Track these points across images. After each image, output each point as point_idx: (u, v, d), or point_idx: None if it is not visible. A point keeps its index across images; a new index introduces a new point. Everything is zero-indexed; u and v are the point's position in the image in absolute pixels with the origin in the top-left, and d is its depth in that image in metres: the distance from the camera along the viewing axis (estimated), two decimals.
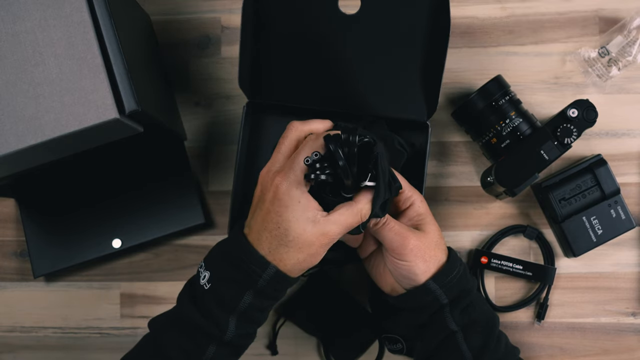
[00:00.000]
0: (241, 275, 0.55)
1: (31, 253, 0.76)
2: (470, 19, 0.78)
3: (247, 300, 0.55)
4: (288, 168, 0.54)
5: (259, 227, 0.55)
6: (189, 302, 0.57)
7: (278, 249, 0.54)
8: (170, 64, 0.80)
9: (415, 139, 0.72)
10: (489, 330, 0.61)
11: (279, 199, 0.53)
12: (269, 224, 0.54)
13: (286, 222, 0.53)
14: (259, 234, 0.55)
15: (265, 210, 0.54)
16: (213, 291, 0.56)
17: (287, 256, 0.54)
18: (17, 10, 0.57)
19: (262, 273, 0.54)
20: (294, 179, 0.53)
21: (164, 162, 0.77)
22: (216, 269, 0.57)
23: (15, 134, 0.55)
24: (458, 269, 0.61)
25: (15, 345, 0.79)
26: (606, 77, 0.75)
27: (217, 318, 0.55)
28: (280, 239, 0.54)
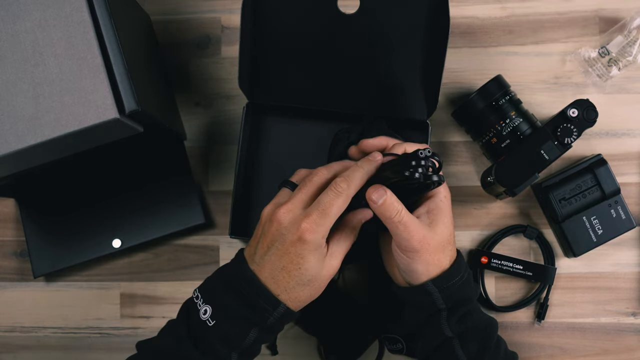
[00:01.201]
0: (251, 313, 0.54)
1: (31, 253, 0.76)
2: (470, 19, 0.78)
3: (252, 336, 0.55)
4: (320, 215, 0.53)
5: (274, 266, 0.54)
6: (188, 340, 0.55)
7: (295, 288, 0.55)
8: (170, 64, 0.80)
9: (416, 138, 0.72)
10: (487, 337, 0.60)
11: (305, 242, 0.53)
12: (289, 265, 0.54)
13: (308, 264, 0.54)
14: (274, 273, 0.54)
15: (284, 251, 0.54)
16: (217, 328, 0.55)
17: (302, 294, 0.55)
18: (17, 10, 0.57)
19: (273, 312, 0.55)
20: (323, 229, 0.53)
21: (164, 162, 0.77)
22: (220, 304, 0.55)
23: (15, 134, 0.55)
24: (461, 275, 0.58)
25: (15, 345, 0.79)
26: (606, 77, 0.75)
27: (219, 355, 0.55)
28: (298, 279, 0.54)
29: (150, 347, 0.58)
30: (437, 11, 0.63)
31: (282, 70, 0.70)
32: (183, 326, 0.56)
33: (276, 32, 0.68)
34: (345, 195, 0.54)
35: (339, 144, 0.70)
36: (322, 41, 0.68)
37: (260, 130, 0.76)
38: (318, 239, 0.54)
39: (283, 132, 0.76)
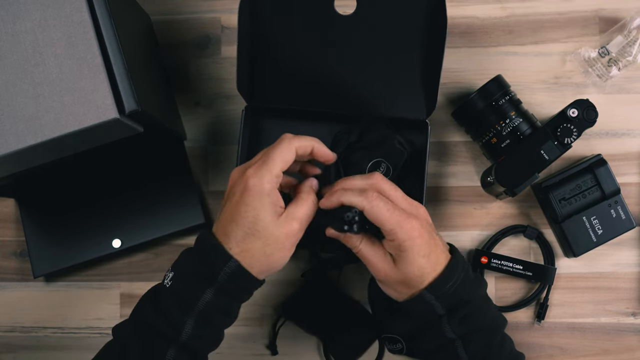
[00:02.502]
0: (203, 269, 0.54)
1: (31, 253, 0.76)
2: (470, 19, 0.78)
3: (206, 297, 0.54)
4: (261, 162, 0.55)
5: (227, 220, 0.55)
6: (149, 304, 0.56)
7: (245, 239, 0.54)
8: (170, 64, 0.80)
9: (415, 138, 0.72)
10: (491, 337, 0.59)
11: (249, 189, 0.54)
12: (237, 215, 0.54)
13: (254, 210, 0.54)
14: (226, 226, 0.55)
15: (235, 202, 0.55)
16: (172, 289, 0.55)
17: (254, 246, 0.54)
18: (17, 10, 0.57)
19: (224, 266, 0.54)
20: (266, 173, 0.54)
21: (164, 162, 0.77)
22: (180, 267, 0.56)
23: (15, 134, 0.55)
24: (457, 276, 0.57)
25: (15, 345, 0.79)
26: (606, 77, 0.75)
27: (174, 318, 0.54)
28: (247, 228, 0.54)
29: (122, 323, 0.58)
30: (435, 10, 0.63)
31: (280, 72, 0.70)
32: (149, 294, 0.57)
33: (274, 34, 0.68)
34: (288, 144, 0.56)
35: (338, 144, 0.70)
36: (320, 42, 0.68)
37: (259, 133, 0.76)
38: (261, 184, 0.54)
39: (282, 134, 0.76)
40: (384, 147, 0.70)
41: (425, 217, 0.59)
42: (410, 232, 0.56)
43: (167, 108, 0.75)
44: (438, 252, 0.58)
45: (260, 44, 0.68)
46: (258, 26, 0.67)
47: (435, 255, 0.57)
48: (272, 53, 0.69)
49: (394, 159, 0.70)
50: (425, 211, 0.60)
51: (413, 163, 0.71)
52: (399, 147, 0.70)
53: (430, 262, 0.57)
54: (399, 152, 0.70)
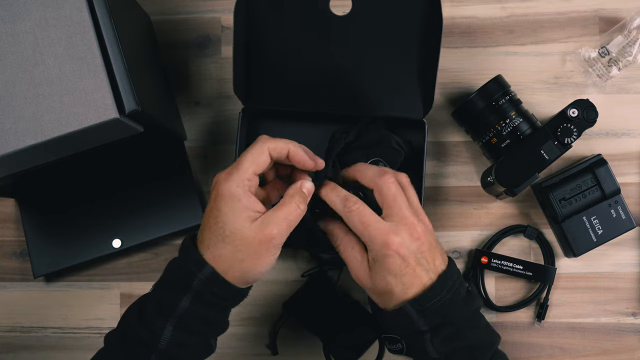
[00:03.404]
0: (179, 275, 0.54)
1: (31, 253, 0.76)
2: (470, 19, 0.78)
3: (184, 304, 0.53)
4: (233, 166, 0.55)
5: (202, 226, 0.55)
6: (134, 312, 0.56)
7: (216, 245, 0.53)
8: (170, 64, 0.80)
9: (413, 138, 0.72)
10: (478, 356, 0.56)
11: (220, 194, 0.54)
12: (209, 220, 0.54)
13: (224, 215, 0.53)
14: (202, 232, 0.55)
15: (209, 208, 0.55)
16: (154, 295, 0.55)
17: (225, 252, 0.53)
18: (17, 10, 0.57)
19: (199, 273, 0.53)
20: (236, 177, 0.54)
21: (164, 162, 0.77)
22: (163, 273, 0.57)
23: (15, 134, 0.55)
24: (443, 295, 0.54)
25: (15, 345, 0.79)
26: (606, 77, 0.75)
27: (153, 324, 0.53)
28: (218, 234, 0.53)
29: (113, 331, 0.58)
30: (430, 9, 0.63)
31: (277, 74, 0.70)
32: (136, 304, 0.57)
33: (269, 36, 0.68)
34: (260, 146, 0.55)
35: (336, 144, 0.70)
36: (316, 44, 0.68)
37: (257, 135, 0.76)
38: (231, 188, 0.53)
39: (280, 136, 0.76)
40: (381, 147, 0.70)
41: (416, 237, 0.55)
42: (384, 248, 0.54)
43: (167, 108, 0.75)
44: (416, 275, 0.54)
45: (256, 46, 0.68)
46: (253, 28, 0.67)
47: (409, 277, 0.54)
48: (268, 55, 0.69)
49: (391, 159, 0.70)
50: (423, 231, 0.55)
51: (411, 163, 0.71)
52: (396, 146, 0.70)
53: (400, 283, 0.54)
54: (396, 151, 0.70)
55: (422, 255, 0.55)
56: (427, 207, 0.77)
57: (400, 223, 0.55)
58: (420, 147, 0.71)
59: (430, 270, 0.55)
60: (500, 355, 0.59)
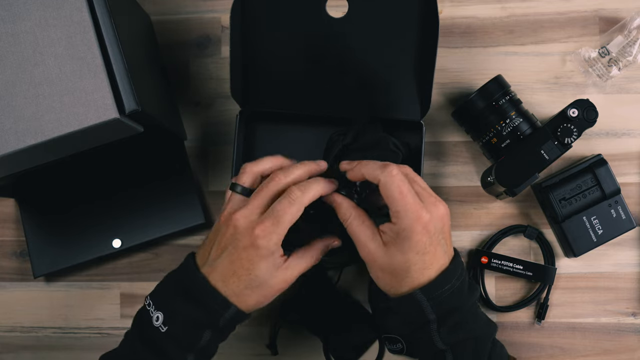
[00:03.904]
0: (202, 316, 0.56)
1: (31, 253, 0.76)
2: (470, 19, 0.78)
3: (206, 338, 0.56)
4: (274, 222, 0.54)
5: (225, 269, 0.56)
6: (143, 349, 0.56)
7: (243, 291, 0.56)
8: (170, 64, 0.80)
9: (410, 139, 0.72)
10: (481, 346, 0.57)
11: (256, 248, 0.54)
12: (240, 270, 0.55)
13: (258, 270, 0.55)
14: (225, 276, 0.56)
15: (237, 256, 0.55)
16: (170, 333, 0.55)
17: (251, 299, 0.56)
18: (17, 10, 0.57)
19: (224, 313, 0.56)
20: (275, 234, 0.55)
21: (164, 162, 0.77)
22: (172, 309, 0.56)
23: (15, 134, 0.55)
24: (453, 283, 0.56)
25: (15, 345, 0.79)
26: (606, 77, 0.75)
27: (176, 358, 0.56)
28: (247, 283, 0.55)
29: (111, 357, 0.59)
30: (426, 11, 0.63)
31: (274, 76, 0.70)
32: (137, 335, 0.57)
33: (266, 39, 0.68)
34: (299, 204, 0.55)
35: (333, 146, 0.70)
36: (312, 46, 0.68)
37: (254, 136, 0.76)
38: (270, 246, 0.55)
39: (277, 138, 0.76)
40: (379, 149, 0.70)
41: (440, 216, 0.55)
42: (415, 223, 0.54)
43: (167, 108, 0.75)
44: (436, 256, 0.55)
45: (253, 49, 0.68)
46: (250, 30, 0.67)
47: (430, 257, 0.55)
48: (265, 57, 0.69)
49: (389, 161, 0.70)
50: (445, 212, 0.56)
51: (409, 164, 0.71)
52: (393, 148, 0.70)
53: (421, 261, 0.54)
54: (394, 153, 0.70)
55: (443, 236, 0.56)
56: None
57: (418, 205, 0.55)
58: (418, 148, 0.71)
59: (446, 254, 0.56)
60: (498, 345, 0.60)
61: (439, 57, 0.77)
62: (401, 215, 0.54)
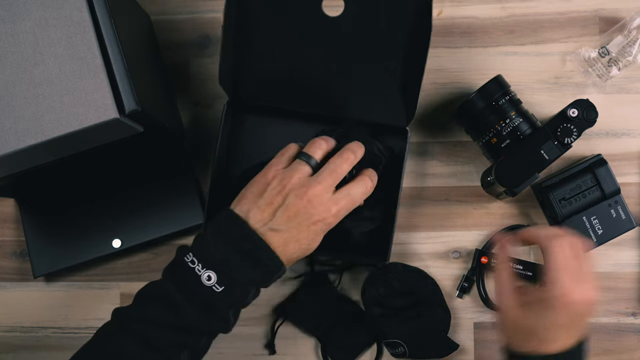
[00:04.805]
0: (258, 277, 0.57)
1: (31, 253, 0.76)
2: (470, 19, 0.78)
3: (251, 295, 0.58)
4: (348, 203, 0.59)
5: (290, 236, 0.57)
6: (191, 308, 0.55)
7: (296, 256, 0.58)
8: (170, 64, 0.80)
9: (396, 144, 0.72)
10: None
11: (328, 224, 0.58)
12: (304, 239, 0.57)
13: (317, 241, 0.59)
14: (287, 242, 0.57)
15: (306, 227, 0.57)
16: (227, 294, 0.55)
17: (296, 259, 0.59)
18: (17, 10, 0.57)
19: (277, 274, 0.57)
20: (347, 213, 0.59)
21: (164, 162, 0.77)
22: (228, 269, 0.55)
23: (15, 134, 0.55)
24: None
25: (15, 345, 0.79)
26: (606, 77, 0.75)
27: (223, 316, 0.57)
28: (303, 252, 0.58)
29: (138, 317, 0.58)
30: (420, 16, 0.63)
31: (264, 70, 0.70)
32: (178, 294, 0.56)
33: (259, 32, 0.67)
34: (367, 192, 0.61)
35: None
36: (305, 43, 0.68)
37: (240, 129, 0.76)
38: (337, 222, 0.59)
39: (263, 132, 0.76)
40: None
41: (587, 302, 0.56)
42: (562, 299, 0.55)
43: (167, 108, 0.75)
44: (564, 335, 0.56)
45: (245, 41, 0.68)
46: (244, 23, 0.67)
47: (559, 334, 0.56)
48: (257, 50, 0.69)
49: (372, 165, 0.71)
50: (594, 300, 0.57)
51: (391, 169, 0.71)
52: (377, 153, 0.70)
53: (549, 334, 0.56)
54: (376, 157, 0.70)
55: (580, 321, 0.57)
56: (428, 207, 0.77)
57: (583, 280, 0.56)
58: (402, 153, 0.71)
59: (575, 336, 0.57)
60: None
61: (439, 57, 0.78)
62: (553, 287, 0.56)
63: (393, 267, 0.72)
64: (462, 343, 0.75)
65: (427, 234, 0.77)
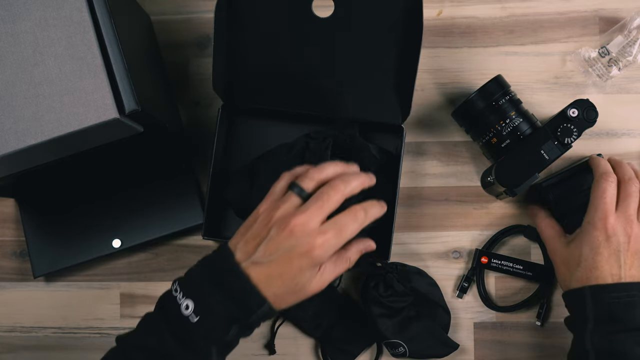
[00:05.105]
0: (236, 311, 0.55)
1: (31, 253, 0.76)
2: (470, 19, 0.78)
3: (233, 332, 0.55)
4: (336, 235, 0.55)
5: (272, 271, 0.55)
6: (170, 336, 0.55)
7: (283, 294, 0.56)
8: (170, 64, 0.80)
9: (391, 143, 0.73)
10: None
11: (313, 258, 0.54)
12: (286, 275, 0.55)
13: (304, 277, 0.55)
14: (270, 277, 0.55)
15: (288, 261, 0.54)
16: (201, 324, 0.54)
17: (286, 301, 0.56)
18: (17, 10, 0.57)
19: (258, 310, 0.55)
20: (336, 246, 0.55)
21: (163, 161, 0.77)
22: (205, 300, 0.55)
23: (15, 134, 0.55)
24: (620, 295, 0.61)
25: (15, 345, 0.79)
26: (606, 77, 0.75)
27: (201, 349, 0.55)
28: (289, 288, 0.55)
29: (132, 344, 0.58)
30: (411, 14, 0.63)
31: (257, 73, 0.70)
32: (162, 321, 0.56)
33: (251, 35, 0.67)
34: (360, 224, 0.56)
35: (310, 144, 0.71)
36: (297, 44, 0.68)
37: (235, 132, 0.77)
38: (324, 258, 0.55)
39: (258, 134, 0.76)
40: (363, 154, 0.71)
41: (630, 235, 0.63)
42: (599, 221, 0.63)
43: (167, 108, 0.75)
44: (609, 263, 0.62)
45: (237, 45, 0.68)
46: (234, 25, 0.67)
47: (601, 259, 0.62)
48: (249, 53, 0.69)
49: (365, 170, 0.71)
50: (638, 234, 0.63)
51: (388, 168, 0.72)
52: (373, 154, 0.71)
53: (592, 259, 0.63)
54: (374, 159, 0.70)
55: (622, 252, 0.62)
56: (428, 207, 0.77)
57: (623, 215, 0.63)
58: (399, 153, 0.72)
59: (622, 268, 0.62)
60: None
61: (439, 57, 0.78)
62: (590, 210, 0.64)
63: (393, 267, 0.72)
64: (462, 343, 0.75)
65: (427, 234, 0.77)
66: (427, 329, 0.71)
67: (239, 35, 0.68)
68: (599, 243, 0.63)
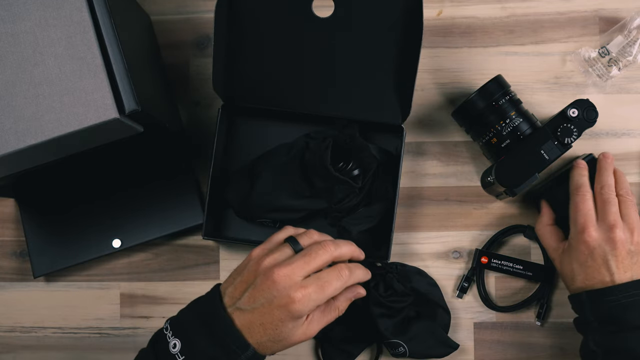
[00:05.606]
0: (220, 354, 0.55)
1: (31, 253, 0.76)
2: (470, 19, 0.78)
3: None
4: (317, 290, 0.55)
5: (254, 319, 0.55)
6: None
7: (266, 343, 0.56)
8: (170, 64, 0.80)
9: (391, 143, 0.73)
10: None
11: (292, 311, 0.55)
12: (268, 324, 0.55)
13: (285, 327, 0.56)
14: (252, 324, 0.55)
15: (269, 310, 0.55)
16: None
17: (271, 348, 0.57)
18: (17, 10, 0.57)
19: (242, 354, 0.55)
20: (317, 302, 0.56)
21: (163, 162, 0.77)
22: (191, 340, 0.56)
23: (15, 133, 0.55)
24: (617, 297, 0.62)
25: (15, 345, 0.79)
26: (606, 77, 0.75)
27: None
28: (271, 337, 0.56)
29: None
30: (411, 15, 0.63)
31: (257, 72, 0.70)
32: (153, 358, 0.57)
33: (251, 35, 0.68)
34: (344, 283, 0.57)
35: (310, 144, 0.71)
36: (297, 44, 0.68)
37: (235, 132, 0.77)
38: (304, 312, 0.55)
39: (258, 134, 0.76)
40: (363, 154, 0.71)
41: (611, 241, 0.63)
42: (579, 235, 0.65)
43: (167, 108, 0.75)
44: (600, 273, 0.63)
45: (237, 45, 0.68)
46: (235, 27, 0.67)
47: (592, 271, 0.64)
48: (249, 53, 0.69)
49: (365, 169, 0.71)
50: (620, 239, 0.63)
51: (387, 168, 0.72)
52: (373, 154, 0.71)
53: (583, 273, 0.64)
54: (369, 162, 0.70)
55: (611, 259, 0.63)
56: (428, 207, 0.77)
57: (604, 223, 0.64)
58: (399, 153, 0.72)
59: (615, 274, 0.63)
60: None
61: (439, 57, 0.78)
62: (571, 226, 0.66)
63: (393, 267, 0.72)
64: (462, 343, 0.75)
65: (427, 234, 0.77)
66: (427, 329, 0.71)
67: (239, 35, 0.68)
68: (585, 257, 0.64)
